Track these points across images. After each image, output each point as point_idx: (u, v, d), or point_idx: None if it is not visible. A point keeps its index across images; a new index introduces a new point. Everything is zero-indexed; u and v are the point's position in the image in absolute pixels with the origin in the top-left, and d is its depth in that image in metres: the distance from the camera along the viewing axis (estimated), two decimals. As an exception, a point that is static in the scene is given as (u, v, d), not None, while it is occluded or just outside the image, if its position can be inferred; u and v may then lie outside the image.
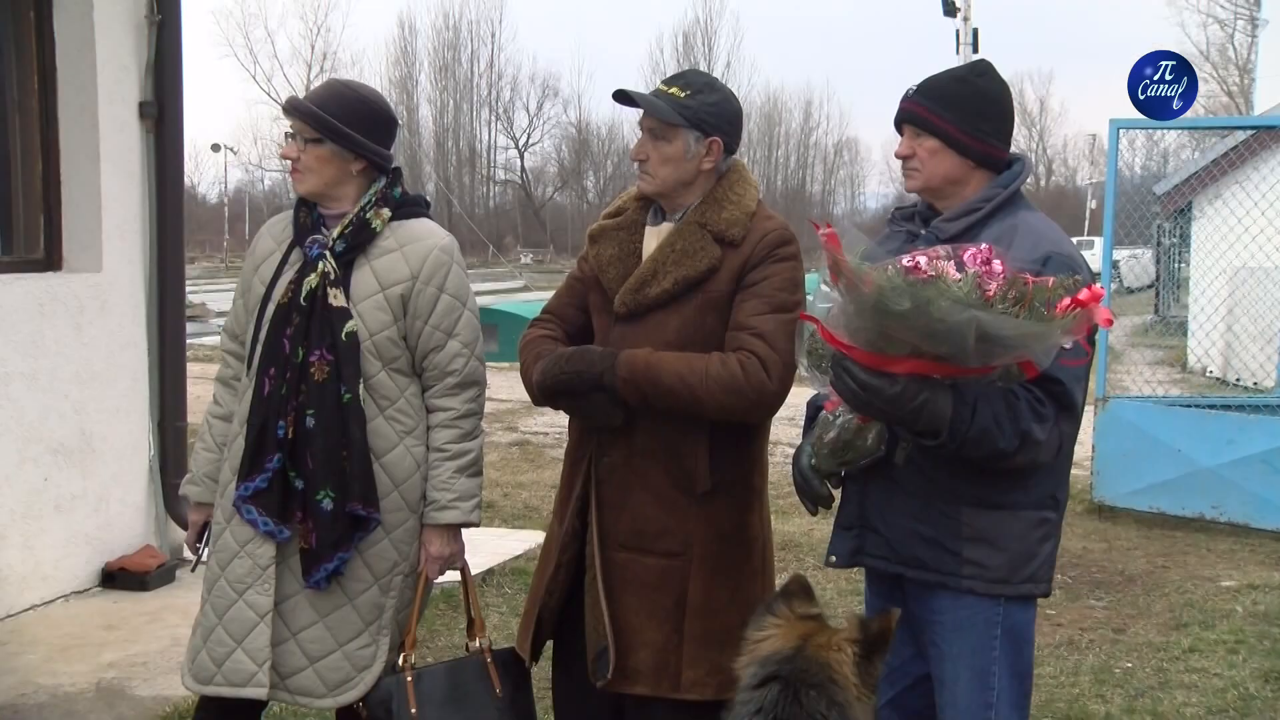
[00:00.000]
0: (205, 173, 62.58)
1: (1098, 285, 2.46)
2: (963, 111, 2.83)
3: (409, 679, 3.18)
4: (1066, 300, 2.41)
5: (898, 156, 2.91)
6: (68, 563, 5.58)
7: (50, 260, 5.69)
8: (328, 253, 3.12)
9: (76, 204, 5.72)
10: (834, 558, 2.95)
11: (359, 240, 3.15)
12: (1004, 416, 2.58)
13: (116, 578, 5.70)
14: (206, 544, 3.30)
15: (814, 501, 2.85)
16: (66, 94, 5.68)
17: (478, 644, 3.35)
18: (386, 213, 3.18)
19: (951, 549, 2.74)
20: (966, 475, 2.70)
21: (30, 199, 5.67)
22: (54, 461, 5.51)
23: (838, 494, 2.92)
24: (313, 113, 3.12)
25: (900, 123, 2.90)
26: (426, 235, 3.20)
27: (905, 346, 2.44)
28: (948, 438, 2.56)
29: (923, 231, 2.88)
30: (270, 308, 3.15)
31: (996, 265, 2.42)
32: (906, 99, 2.89)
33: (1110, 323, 2.49)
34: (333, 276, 3.11)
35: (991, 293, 2.38)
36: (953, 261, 2.41)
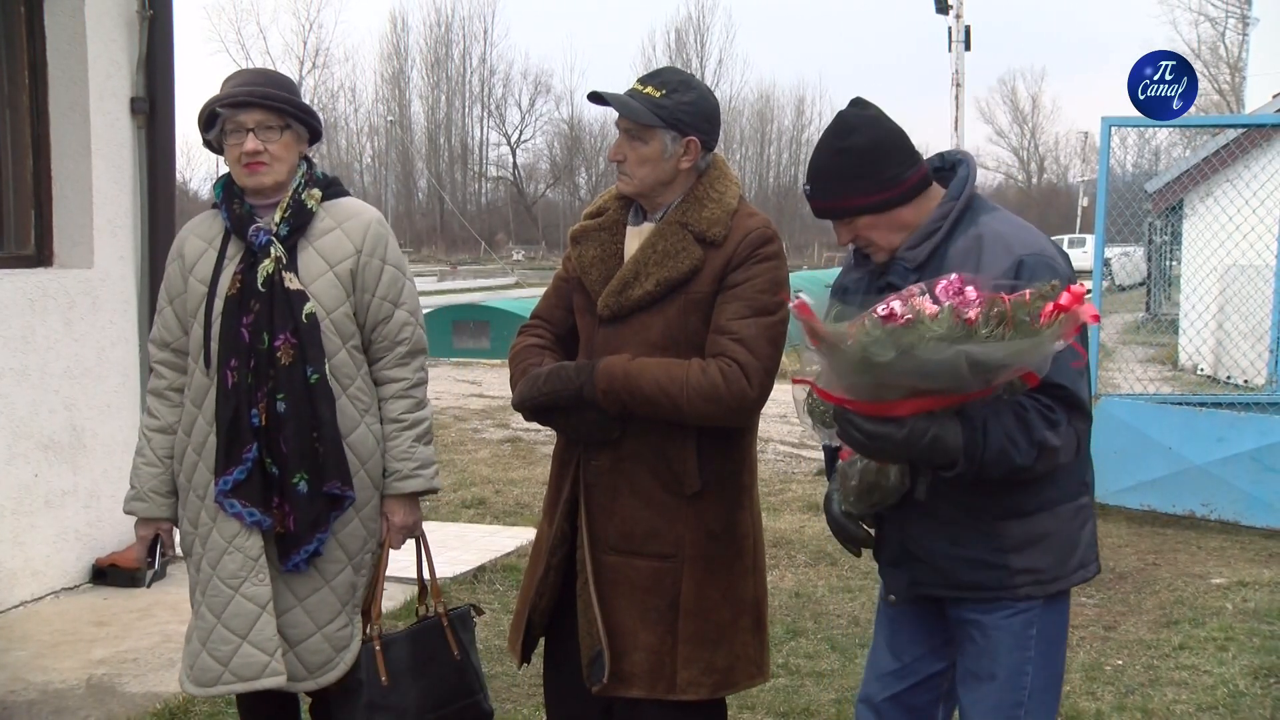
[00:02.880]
0: (197, 169, 62.46)
1: (1077, 284, 2.41)
2: (865, 179, 2.65)
3: (377, 649, 3.24)
4: (1049, 307, 2.37)
5: (852, 244, 2.76)
6: (58, 559, 5.57)
7: (41, 256, 5.68)
8: (274, 238, 3.13)
9: (67, 200, 5.70)
10: (892, 596, 2.91)
11: (300, 222, 3.17)
12: (1016, 431, 2.54)
13: (107, 574, 5.69)
14: (161, 557, 3.34)
15: (855, 544, 2.83)
16: (57, 89, 5.67)
17: (432, 608, 3.41)
18: (318, 193, 3.21)
19: (999, 564, 2.70)
20: (996, 491, 2.66)
21: (21, 194, 5.66)
22: (44, 457, 5.50)
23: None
24: (284, 98, 3.14)
25: (822, 218, 2.76)
26: (360, 211, 3.26)
27: (902, 390, 2.42)
28: (965, 465, 2.52)
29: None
30: (218, 302, 3.14)
31: (970, 292, 2.37)
32: (810, 198, 2.72)
33: (1097, 318, 2.46)
34: (284, 261, 3.13)
35: (974, 318, 2.34)
36: (928, 296, 2.38)
